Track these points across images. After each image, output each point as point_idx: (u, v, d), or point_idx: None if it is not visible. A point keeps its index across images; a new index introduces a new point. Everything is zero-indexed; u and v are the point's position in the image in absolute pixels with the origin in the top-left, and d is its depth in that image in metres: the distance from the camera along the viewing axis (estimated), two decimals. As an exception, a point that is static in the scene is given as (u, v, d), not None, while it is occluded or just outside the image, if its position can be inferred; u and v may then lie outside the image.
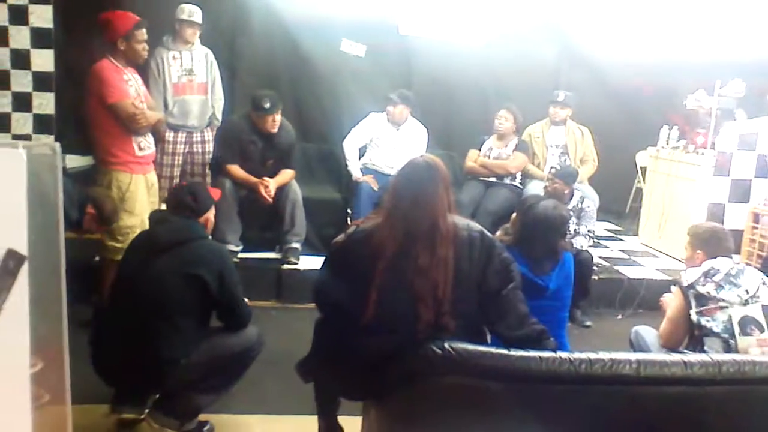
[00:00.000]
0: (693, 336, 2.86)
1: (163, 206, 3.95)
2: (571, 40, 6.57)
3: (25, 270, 1.59)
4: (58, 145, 1.61)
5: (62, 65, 5.39)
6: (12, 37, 5.33)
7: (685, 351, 2.83)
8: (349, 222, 5.10)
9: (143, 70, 4.27)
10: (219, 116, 5.04)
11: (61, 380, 1.62)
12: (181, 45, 4.82)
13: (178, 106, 4.75)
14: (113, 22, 3.68)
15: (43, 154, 1.60)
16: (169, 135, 4.69)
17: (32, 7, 5.32)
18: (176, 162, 4.83)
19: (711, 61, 5.85)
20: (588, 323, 4.47)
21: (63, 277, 1.60)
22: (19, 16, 5.31)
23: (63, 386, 1.64)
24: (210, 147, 4.96)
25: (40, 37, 5.37)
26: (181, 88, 4.81)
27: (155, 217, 3.01)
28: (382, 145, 5.33)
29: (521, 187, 5.35)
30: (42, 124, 5.46)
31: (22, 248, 1.59)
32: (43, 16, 5.37)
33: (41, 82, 5.39)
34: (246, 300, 2.96)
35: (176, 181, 4.82)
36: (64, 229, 1.68)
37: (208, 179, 4.87)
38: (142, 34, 3.75)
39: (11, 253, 1.58)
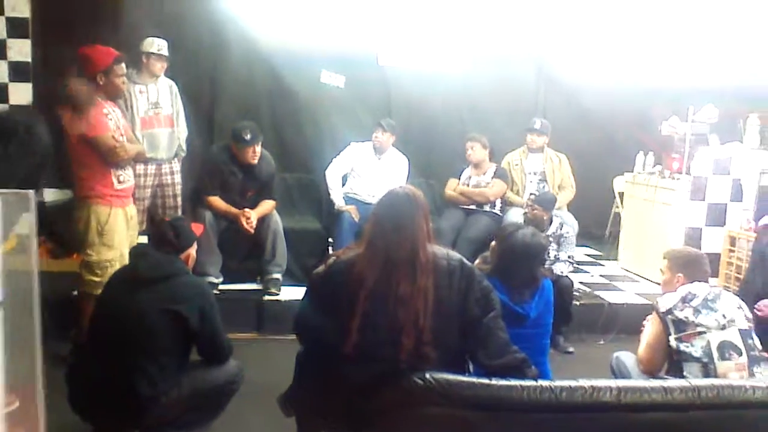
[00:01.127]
0: (672, 361, 2.88)
1: (141, 239, 3.94)
2: (549, 67, 6.69)
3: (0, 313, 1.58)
4: (32, 192, 1.62)
5: (40, 99, 5.39)
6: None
7: (665, 376, 2.84)
8: (330, 251, 5.10)
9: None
10: (184, 147, 5.03)
11: (36, 418, 1.60)
12: (147, 78, 4.79)
13: (147, 140, 4.69)
14: (93, 57, 3.69)
15: (18, 200, 1.60)
16: (139, 168, 4.62)
17: (11, 42, 5.33)
18: (147, 194, 4.80)
19: (683, 87, 5.97)
20: (570, 349, 4.48)
21: (37, 317, 1.60)
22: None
23: (38, 424, 1.62)
24: (179, 178, 4.94)
25: (18, 71, 5.36)
26: (148, 122, 4.78)
27: (136, 251, 2.99)
28: (364, 175, 5.36)
29: (501, 214, 5.39)
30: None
31: None
32: (21, 51, 5.37)
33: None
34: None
35: (145, 213, 4.77)
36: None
37: (179, 211, 4.83)
38: (122, 68, 3.76)
39: None
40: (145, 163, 4.59)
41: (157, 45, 4.77)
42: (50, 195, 5.06)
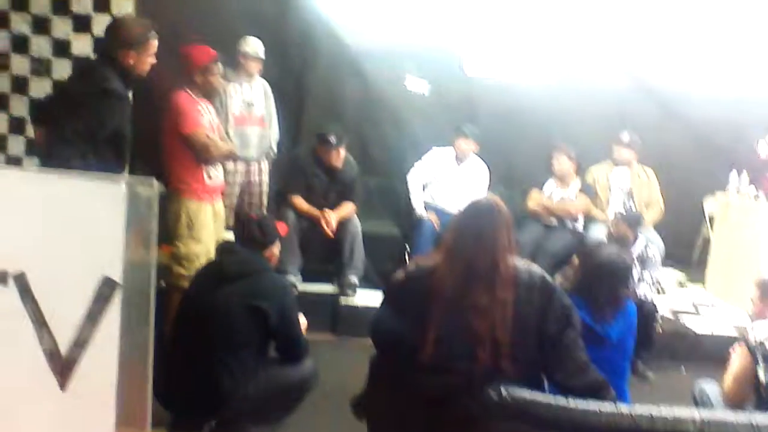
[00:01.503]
0: (760, 395, 2.74)
1: (227, 235, 4.06)
2: (640, 78, 6.48)
3: (118, 298, 1.68)
4: (156, 182, 1.70)
5: (139, 94, 5.62)
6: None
7: (752, 410, 2.71)
8: (407, 258, 5.11)
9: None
10: (275, 148, 5.14)
11: (144, 409, 1.69)
12: (242, 77, 4.94)
13: (238, 138, 4.84)
14: (193, 56, 3.84)
15: (143, 189, 1.69)
16: (229, 165, 4.77)
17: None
18: (234, 191, 4.93)
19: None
20: (650, 376, 4.32)
21: (152, 304, 1.68)
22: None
23: (145, 415, 1.70)
24: (266, 177, 5.05)
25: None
26: (241, 120, 4.91)
27: (222, 247, 3.09)
28: (444, 182, 5.35)
29: (582, 230, 5.27)
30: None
31: (117, 277, 1.67)
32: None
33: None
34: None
35: (233, 210, 4.90)
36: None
37: (264, 210, 4.95)
38: (219, 67, 3.90)
39: (107, 281, 1.67)
40: (235, 160, 4.72)
41: (253, 46, 4.90)
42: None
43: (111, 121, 3.05)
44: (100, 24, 5.50)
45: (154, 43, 3.25)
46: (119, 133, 3.10)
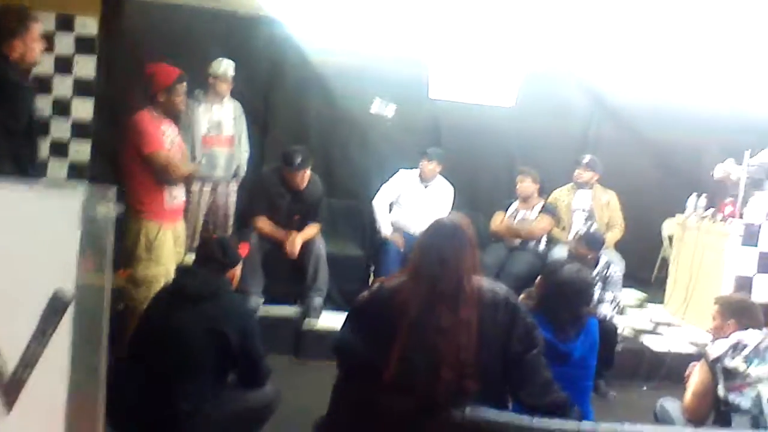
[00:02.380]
0: (719, 411, 2.77)
1: (188, 257, 4.00)
2: (602, 103, 6.62)
3: (69, 317, 1.61)
4: (114, 190, 1.65)
5: (101, 114, 5.55)
6: (56, 86, 5.52)
7: (712, 426, 2.74)
8: (371, 279, 5.10)
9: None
10: (244, 168, 5.11)
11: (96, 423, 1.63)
12: (212, 99, 4.92)
13: (206, 159, 4.81)
14: (157, 75, 3.81)
15: (99, 198, 1.63)
16: (195, 186, 4.74)
17: (77, 57, 5.52)
18: (200, 212, 4.88)
19: (740, 128, 5.85)
20: (612, 394, 4.36)
21: (106, 325, 1.62)
22: (64, 65, 5.51)
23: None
24: (234, 198, 5.02)
25: (82, 87, 5.55)
26: (209, 141, 4.89)
27: (182, 269, 3.04)
28: (410, 204, 5.37)
29: (545, 251, 5.32)
30: (76, 171, 5.59)
31: (69, 290, 1.61)
32: (87, 66, 5.56)
33: (80, 130, 5.54)
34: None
35: (198, 231, 4.85)
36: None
37: (229, 231, 4.90)
38: (183, 87, 3.87)
39: (57, 298, 1.61)
40: (202, 181, 4.68)
41: (224, 68, 4.88)
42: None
43: (22, 114, 3.04)
44: (62, 43, 5.47)
45: (37, 27, 3.18)
46: (31, 125, 3.09)
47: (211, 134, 4.88)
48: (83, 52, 5.51)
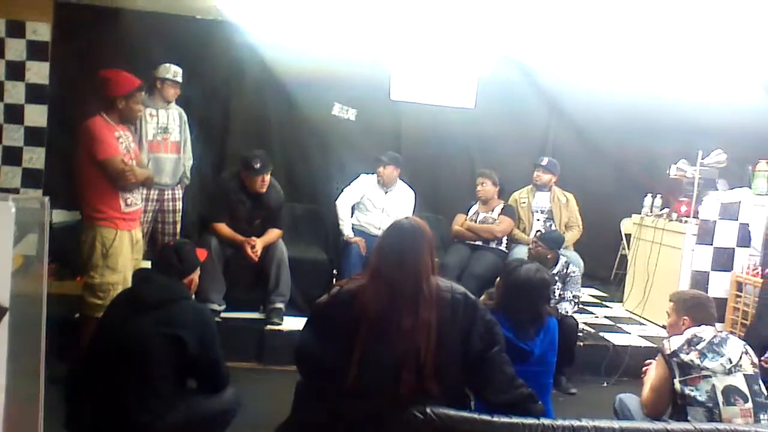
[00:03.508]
0: (676, 405, 2.83)
1: (145, 263, 3.94)
2: (559, 106, 6.72)
3: (5, 322, 1.57)
4: (47, 199, 1.61)
5: (55, 121, 5.46)
6: (7, 92, 5.41)
7: (668, 420, 2.80)
8: (335, 283, 5.08)
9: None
10: (188, 175, 5.05)
11: None
12: (159, 103, 4.84)
13: (153, 164, 4.72)
14: (116, 81, 3.74)
15: (32, 207, 1.60)
16: (142, 192, 4.65)
17: (29, 64, 5.42)
18: (147, 219, 4.80)
19: (693, 130, 6.00)
20: (573, 390, 4.43)
21: (43, 333, 1.58)
22: (16, 72, 5.41)
23: None
24: (180, 205, 4.95)
25: (35, 93, 5.45)
26: (155, 146, 4.80)
27: (139, 275, 2.98)
28: (371, 207, 5.38)
29: (507, 251, 5.38)
30: (31, 178, 5.48)
31: (4, 300, 1.57)
32: (39, 73, 5.46)
33: (33, 136, 5.44)
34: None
35: (146, 237, 4.77)
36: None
37: (177, 237, 4.83)
38: (141, 95, 3.82)
39: None
40: (149, 187, 4.61)
41: (172, 71, 4.82)
42: (57, 216, 5.08)
43: None
44: (12, 49, 5.37)
45: None
46: None
47: (157, 139, 4.81)
48: (35, 58, 5.42)
